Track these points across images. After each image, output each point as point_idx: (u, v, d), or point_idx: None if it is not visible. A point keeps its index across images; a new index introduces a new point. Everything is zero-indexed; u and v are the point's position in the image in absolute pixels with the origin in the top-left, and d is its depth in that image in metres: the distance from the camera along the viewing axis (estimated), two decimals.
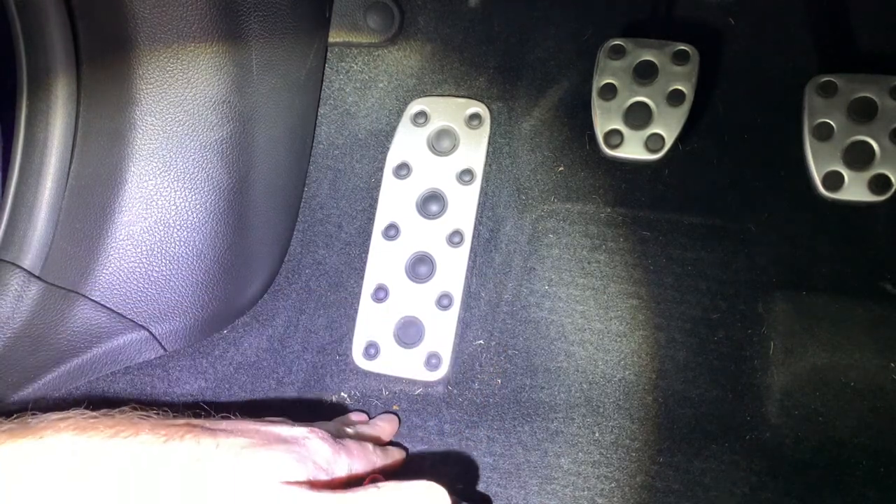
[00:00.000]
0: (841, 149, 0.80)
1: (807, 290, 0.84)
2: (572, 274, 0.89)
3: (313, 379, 0.91)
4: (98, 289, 0.78)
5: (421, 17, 0.99)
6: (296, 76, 0.89)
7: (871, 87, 0.80)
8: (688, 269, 0.87)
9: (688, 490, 0.80)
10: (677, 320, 0.86)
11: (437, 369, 0.88)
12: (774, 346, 0.83)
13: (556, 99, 0.95)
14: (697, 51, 0.84)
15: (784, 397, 0.82)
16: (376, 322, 0.90)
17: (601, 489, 0.81)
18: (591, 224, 0.90)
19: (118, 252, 0.78)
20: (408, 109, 0.95)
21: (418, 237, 0.91)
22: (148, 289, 0.80)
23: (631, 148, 0.84)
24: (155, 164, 0.78)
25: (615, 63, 0.86)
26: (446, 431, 0.86)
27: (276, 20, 0.83)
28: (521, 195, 0.93)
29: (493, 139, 0.94)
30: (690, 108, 0.83)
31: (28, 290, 0.75)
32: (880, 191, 0.78)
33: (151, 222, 0.79)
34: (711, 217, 0.88)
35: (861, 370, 0.82)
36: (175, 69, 0.77)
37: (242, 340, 0.91)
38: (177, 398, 0.87)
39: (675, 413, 0.83)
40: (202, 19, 0.76)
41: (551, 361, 0.87)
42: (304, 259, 0.95)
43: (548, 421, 0.85)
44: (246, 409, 0.89)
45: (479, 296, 0.91)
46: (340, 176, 0.97)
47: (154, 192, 0.78)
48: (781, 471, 0.80)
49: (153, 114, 0.77)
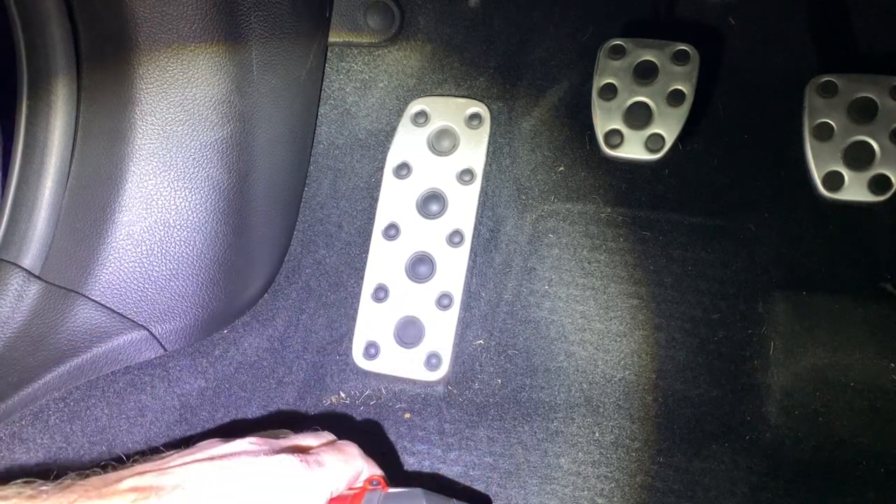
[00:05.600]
0: (841, 149, 0.80)
1: (807, 290, 0.84)
2: (572, 274, 0.89)
3: (313, 379, 0.91)
4: (98, 288, 0.78)
5: (421, 17, 0.99)
6: (296, 76, 0.89)
7: (871, 87, 0.80)
8: (688, 269, 0.87)
9: (688, 490, 0.80)
10: (677, 320, 0.86)
11: (437, 369, 0.88)
12: (774, 346, 0.83)
13: (556, 99, 0.95)
14: (697, 51, 0.84)
15: (784, 397, 0.82)
16: (376, 322, 0.90)
17: (601, 489, 0.81)
18: (591, 224, 0.90)
19: (118, 252, 0.78)
20: (408, 109, 0.95)
21: (418, 237, 0.91)
22: (148, 288, 0.80)
23: (631, 148, 0.84)
24: (155, 164, 0.78)
25: (615, 63, 0.86)
26: (446, 431, 0.86)
27: (276, 20, 0.83)
28: (522, 195, 0.93)
29: (494, 139, 0.94)
30: (690, 108, 0.83)
31: (28, 289, 0.75)
32: (880, 191, 0.78)
33: (151, 222, 0.79)
34: (711, 217, 0.88)
35: (861, 370, 0.82)
36: (175, 69, 0.76)
37: (242, 340, 0.91)
38: (177, 398, 0.87)
39: (675, 413, 0.83)
40: (202, 19, 0.76)
41: (551, 361, 0.87)
42: (304, 259, 0.95)
43: (548, 421, 0.85)
44: (246, 409, 0.89)
45: (479, 296, 0.91)
46: (340, 176, 0.97)
47: (154, 192, 0.78)
48: (781, 471, 0.80)
49: (153, 114, 0.77)
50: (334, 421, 0.88)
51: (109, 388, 0.86)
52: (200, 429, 0.87)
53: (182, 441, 0.86)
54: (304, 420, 0.89)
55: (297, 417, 0.89)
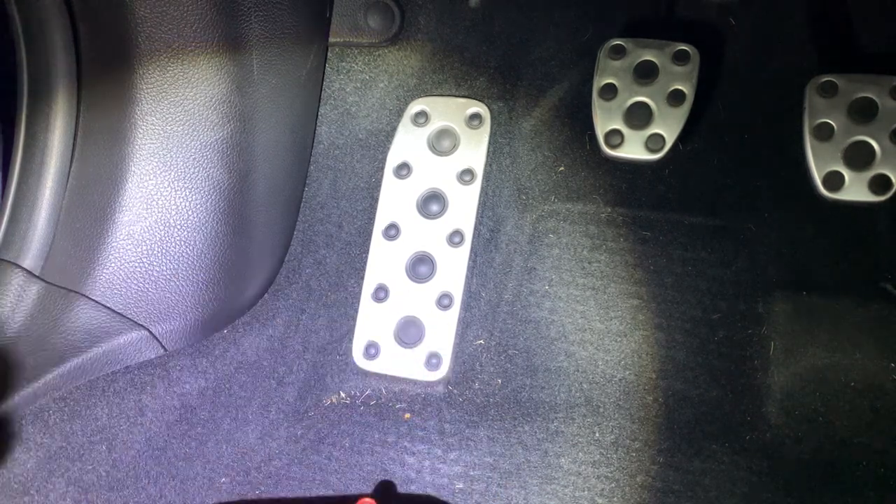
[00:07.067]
0: (841, 149, 0.80)
1: (807, 290, 0.84)
2: (573, 274, 0.89)
3: (313, 378, 0.91)
4: (98, 288, 0.78)
5: (421, 17, 0.99)
6: (296, 76, 0.89)
7: (871, 87, 0.80)
8: (688, 269, 0.87)
9: (688, 490, 0.80)
10: (677, 320, 0.86)
11: (438, 369, 0.88)
12: (774, 346, 0.83)
13: (556, 99, 0.95)
14: (697, 51, 0.84)
15: (784, 397, 0.82)
16: (376, 322, 0.90)
17: (601, 489, 0.81)
18: (591, 224, 0.90)
19: (118, 252, 0.78)
20: (408, 109, 0.95)
21: (418, 237, 0.91)
22: (148, 288, 0.80)
23: (631, 148, 0.84)
24: (155, 164, 0.78)
25: (615, 63, 0.86)
26: (446, 431, 0.86)
27: (276, 20, 0.83)
28: (522, 195, 0.93)
29: (494, 139, 0.94)
30: (691, 108, 0.83)
31: (28, 289, 0.75)
32: (881, 191, 0.78)
33: (151, 222, 0.79)
34: (711, 217, 0.88)
35: (861, 370, 0.82)
36: (175, 69, 0.76)
37: (243, 340, 0.91)
38: (177, 398, 0.87)
39: (675, 413, 0.83)
40: (202, 19, 0.76)
41: (551, 361, 0.87)
42: (304, 259, 0.95)
43: (548, 421, 0.85)
44: (246, 408, 0.89)
45: (480, 296, 0.91)
46: (341, 176, 0.97)
47: (154, 192, 0.78)
48: (781, 471, 0.80)
49: (153, 114, 0.77)
50: (334, 421, 0.88)
51: (109, 387, 0.86)
52: (201, 428, 0.87)
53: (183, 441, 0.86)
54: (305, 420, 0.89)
55: (297, 417, 0.89)
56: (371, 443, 0.86)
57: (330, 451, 0.86)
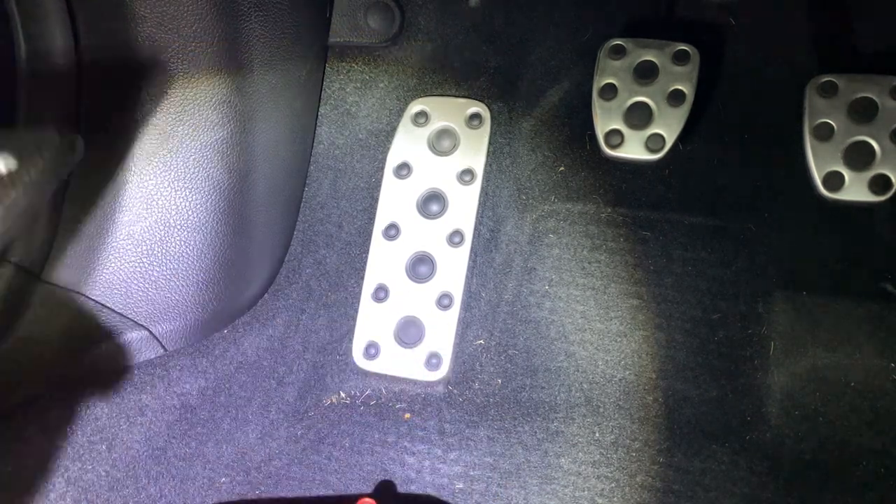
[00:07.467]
0: (841, 149, 0.80)
1: (807, 290, 0.84)
2: (573, 274, 0.89)
3: (313, 379, 0.91)
4: (98, 288, 0.78)
5: (421, 18, 0.99)
6: (296, 76, 0.89)
7: (871, 87, 0.80)
8: (688, 269, 0.87)
9: (688, 490, 0.80)
10: (677, 320, 0.86)
11: (438, 369, 0.88)
12: (774, 346, 0.83)
13: (556, 99, 0.95)
14: (697, 51, 0.84)
15: (784, 397, 0.82)
16: (376, 322, 0.90)
17: (601, 489, 0.81)
18: (591, 224, 0.90)
19: (118, 252, 0.78)
20: (408, 109, 0.95)
21: (418, 237, 0.91)
22: (148, 288, 0.80)
23: (631, 148, 0.84)
24: (155, 164, 0.78)
25: (615, 63, 0.86)
26: (446, 431, 0.86)
27: (276, 20, 0.83)
28: (522, 195, 0.93)
29: (494, 139, 0.94)
30: (691, 108, 0.83)
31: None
32: (881, 191, 0.78)
33: (151, 222, 0.79)
34: (711, 217, 0.88)
35: (861, 370, 0.82)
36: (175, 69, 0.77)
37: (242, 340, 0.92)
38: (177, 397, 0.87)
39: (675, 413, 0.83)
40: (202, 19, 0.76)
41: (551, 361, 0.87)
42: (304, 259, 0.95)
43: (548, 421, 0.85)
44: (246, 408, 0.89)
45: (480, 296, 0.91)
46: (341, 176, 0.97)
47: (154, 192, 0.78)
48: (781, 471, 0.80)
49: (153, 114, 0.77)
50: (334, 421, 0.88)
51: (109, 387, 0.86)
52: (200, 428, 0.87)
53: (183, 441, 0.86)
54: (305, 420, 0.89)
55: (297, 417, 0.89)
56: (371, 443, 0.86)
57: (330, 451, 0.86)
